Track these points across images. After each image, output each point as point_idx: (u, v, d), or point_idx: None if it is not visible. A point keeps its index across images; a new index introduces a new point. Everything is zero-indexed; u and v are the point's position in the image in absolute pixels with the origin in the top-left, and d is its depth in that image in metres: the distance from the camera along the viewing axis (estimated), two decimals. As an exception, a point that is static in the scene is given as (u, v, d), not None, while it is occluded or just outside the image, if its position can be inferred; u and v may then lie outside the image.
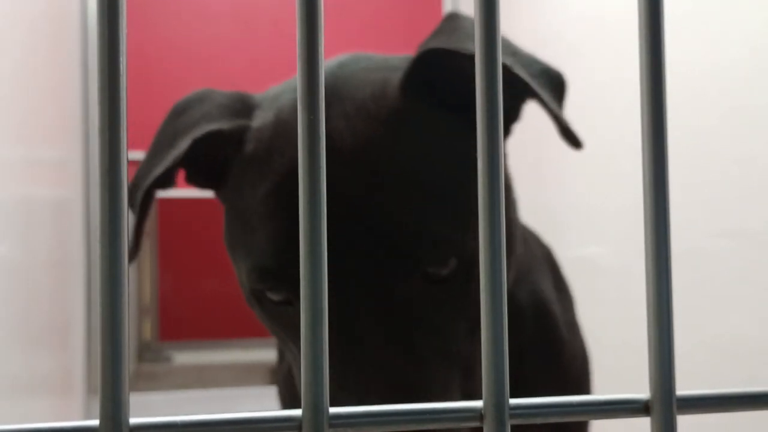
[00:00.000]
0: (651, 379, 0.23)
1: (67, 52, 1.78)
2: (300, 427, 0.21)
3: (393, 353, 0.49)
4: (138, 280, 3.30)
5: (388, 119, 0.53)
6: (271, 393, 2.40)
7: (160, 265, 3.45)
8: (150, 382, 2.78)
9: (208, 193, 2.74)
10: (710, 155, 1.29)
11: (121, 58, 0.21)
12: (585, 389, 0.72)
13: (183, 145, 0.57)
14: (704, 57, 1.30)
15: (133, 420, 0.21)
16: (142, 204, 0.58)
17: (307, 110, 0.22)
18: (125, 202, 0.21)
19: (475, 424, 0.23)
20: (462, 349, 0.53)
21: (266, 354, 3.26)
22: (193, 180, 0.63)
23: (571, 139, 0.55)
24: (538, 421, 0.23)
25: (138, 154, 1.98)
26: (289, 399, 0.80)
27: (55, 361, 1.51)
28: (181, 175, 0.63)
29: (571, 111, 1.61)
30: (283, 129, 0.55)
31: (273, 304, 0.54)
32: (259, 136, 0.56)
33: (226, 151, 0.58)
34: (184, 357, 3.27)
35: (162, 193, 2.33)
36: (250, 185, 0.54)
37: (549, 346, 0.69)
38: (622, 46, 1.57)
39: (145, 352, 3.28)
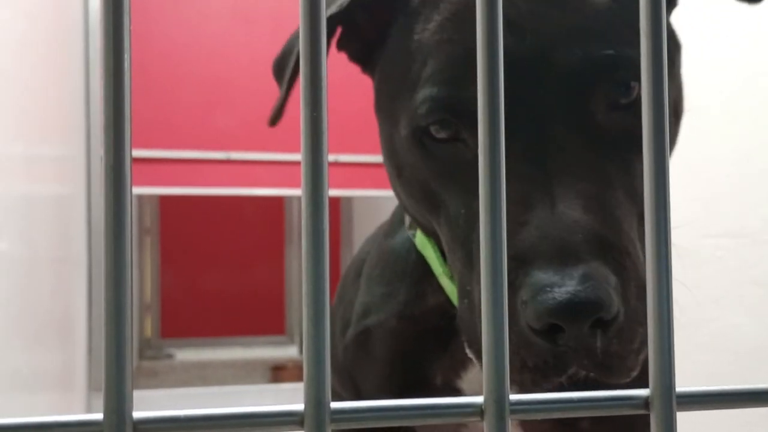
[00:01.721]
0: (651, 375, 0.23)
1: (68, 48, 1.78)
2: (302, 422, 0.21)
3: (585, 172, 0.50)
4: (139, 278, 3.31)
5: None
6: (272, 390, 2.39)
7: (161, 262, 3.45)
8: (151, 379, 2.78)
9: (209, 191, 2.68)
10: (708, 155, 1.29)
11: (125, 55, 0.21)
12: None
13: None
14: (702, 57, 1.30)
15: (137, 414, 0.21)
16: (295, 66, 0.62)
17: (310, 107, 0.22)
18: (130, 198, 0.21)
19: (475, 419, 0.23)
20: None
21: (267, 351, 3.26)
22: (346, 43, 0.65)
23: None
24: (539, 417, 0.23)
25: (140, 152, 1.98)
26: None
27: (56, 358, 1.52)
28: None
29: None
30: None
31: (438, 144, 0.54)
32: None
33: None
34: (185, 354, 3.27)
35: (163, 191, 2.33)
36: (423, 21, 0.57)
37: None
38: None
39: (146, 349, 3.28)
